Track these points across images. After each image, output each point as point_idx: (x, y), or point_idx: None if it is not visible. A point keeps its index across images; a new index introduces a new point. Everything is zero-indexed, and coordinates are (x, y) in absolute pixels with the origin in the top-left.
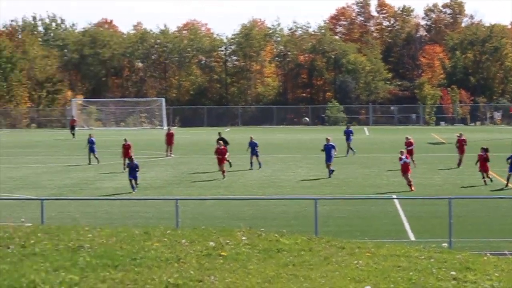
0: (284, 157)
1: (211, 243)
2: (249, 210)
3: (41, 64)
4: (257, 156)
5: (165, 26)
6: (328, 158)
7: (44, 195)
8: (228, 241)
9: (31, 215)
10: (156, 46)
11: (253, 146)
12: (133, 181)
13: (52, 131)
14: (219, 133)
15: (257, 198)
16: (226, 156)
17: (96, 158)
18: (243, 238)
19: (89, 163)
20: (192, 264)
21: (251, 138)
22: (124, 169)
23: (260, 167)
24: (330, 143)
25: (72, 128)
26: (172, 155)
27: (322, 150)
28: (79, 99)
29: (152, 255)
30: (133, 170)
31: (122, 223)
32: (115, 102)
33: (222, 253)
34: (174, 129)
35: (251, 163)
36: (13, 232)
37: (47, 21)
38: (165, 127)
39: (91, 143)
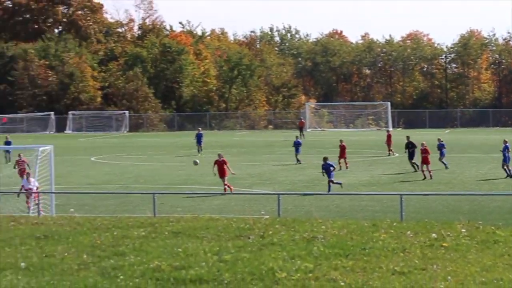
0: (498, 157)
1: (433, 235)
2: (467, 204)
3: (277, 71)
4: (442, 156)
5: (390, 36)
6: (505, 159)
7: (280, 190)
8: (449, 233)
9: (269, 208)
10: (382, 54)
11: (440, 147)
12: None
13: (287, 132)
14: (407, 137)
15: (474, 194)
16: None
17: (298, 159)
18: (463, 230)
19: (298, 163)
20: (416, 254)
21: (438, 140)
22: (340, 168)
23: (446, 168)
24: (507, 144)
25: (301, 129)
26: (396, 154)
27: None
28: (312, 103)
29: (380, 245)
30: (327, 169)
31: (352, 216)
32: (344, 106)
33: (444, 244)
34: (391, 131)
35: (444, 164)
36: (253, 223)
37: (283, 32)
38: (390, 129)
39: (297, 144)
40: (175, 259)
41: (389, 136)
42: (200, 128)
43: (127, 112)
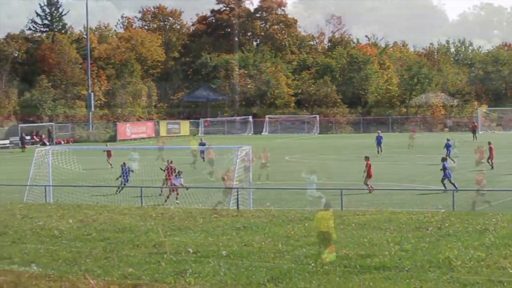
0: None
1: None
2: None
3: (452, 79)
4: None
5: None
6: None
7: (451, 186)
8: None
9: (444, 203)
10: None
11: None
12: (445, 181)
13: (462, 134)
14: None
15: None
16: None
17: (452, 159)
18: None
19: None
20: None
21: None
22: (492, 168)
23: None
24: None
25: (473, 132)
26: None
27: None
28: (484, 108)
29: None
30: (444, 169)
31: None
32: None
33: None
34: None
35: None
36: (431, 216)
37: (458, 44)
38: None
39: (447, 146)
40: (361, 248)
41: None
42: (379, 131)
43: (317, 116)
